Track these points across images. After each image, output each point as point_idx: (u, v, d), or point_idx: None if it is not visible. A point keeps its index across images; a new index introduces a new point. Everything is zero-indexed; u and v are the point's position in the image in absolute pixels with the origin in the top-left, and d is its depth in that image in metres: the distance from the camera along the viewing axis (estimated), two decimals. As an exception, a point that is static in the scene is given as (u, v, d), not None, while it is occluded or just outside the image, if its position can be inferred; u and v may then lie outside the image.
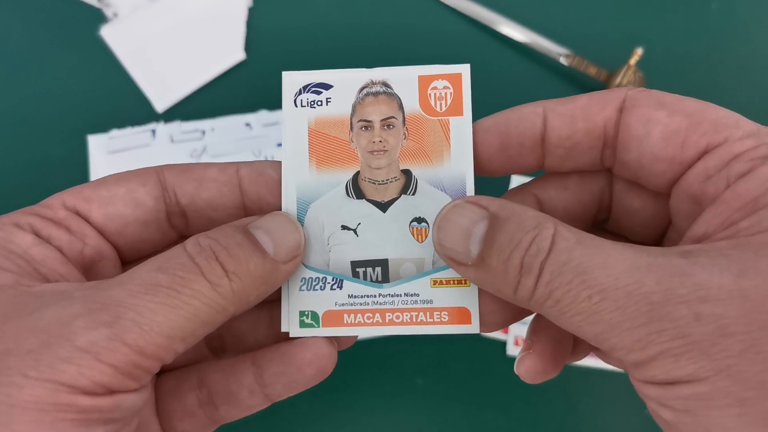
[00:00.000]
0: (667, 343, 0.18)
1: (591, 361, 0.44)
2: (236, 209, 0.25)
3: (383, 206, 0.24)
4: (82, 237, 0.23)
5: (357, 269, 0.24)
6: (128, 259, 0.25)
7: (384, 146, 0.24)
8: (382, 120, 0.24)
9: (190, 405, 0.25)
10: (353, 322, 0.24)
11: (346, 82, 0.25)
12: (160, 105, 0.49)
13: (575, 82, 0.49)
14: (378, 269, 0.24)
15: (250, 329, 0.26)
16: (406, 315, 0.24)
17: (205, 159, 0.48)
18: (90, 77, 0.49)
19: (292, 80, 0.25)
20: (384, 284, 0.24)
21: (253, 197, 0.25)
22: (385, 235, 0.24)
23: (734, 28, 0.50)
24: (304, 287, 0.24)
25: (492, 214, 0.21)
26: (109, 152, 0.48)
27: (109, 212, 0.24)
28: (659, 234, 0.25)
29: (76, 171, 0.48)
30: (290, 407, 0.45)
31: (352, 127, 0.25)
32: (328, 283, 0.24)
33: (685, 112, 0.22)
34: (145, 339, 0.19)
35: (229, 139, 0.48)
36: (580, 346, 0.26)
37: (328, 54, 0.49)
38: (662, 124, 0.22)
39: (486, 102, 0.25)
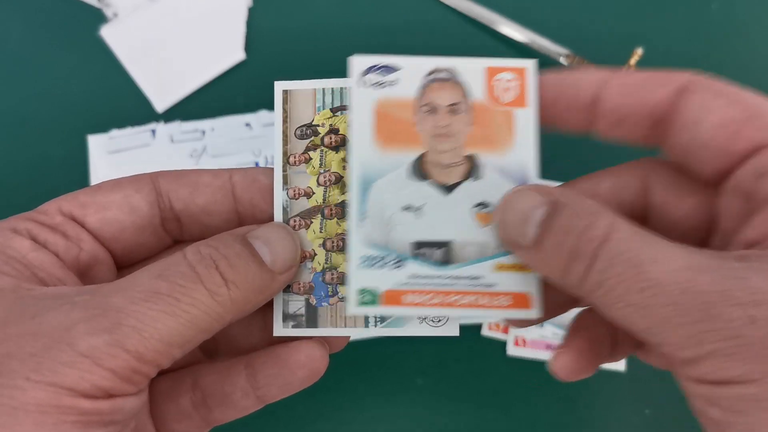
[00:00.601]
0: (719, 343, 0.18)
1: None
2: (230, 214, 0.25)
3: (447, 189, 0.24)
4: (78, 242, 0.24)
5: (418, 250, 0.24)
6: (123, 263, 0.25)
7: (449, 131, 0.24)
8: (448, 105, 0.24)
9: (185, 406, 0.25)
10: (413, 302, 0.24)
11: (414, 67, 0.25)
12: (160, 105, 0.49)
13: (575, 82, 0.49)
14: (440, 251, 0.24)
15: (244, 332, 0.26)
16: (468, 298, 0.24)
17: (205, 159, 0.48)
18: (90, 77, 0.49)
19: (358, 61, 0.25)
20: (446, 265, 0.24)
21: (246, 204, 0.25)
22: (448, 217, 0.24)
23: (734, 28, 0.49)
24: (364, 265, 0.24)
25: (553, 200, 0.21)
26: (109, 152, 0.48)
27: (105, 218, 0.24)
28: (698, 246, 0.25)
29: (76, 171, 0.48)
30: (289, 407, 0.45)
31: (417, 111, 0.25)
32: (388, 262, 0.24)
33: (744, 104, 0.22)
34: (144, 345, 0.19)
35: (229, 139, 0.48)
36: (618, 347, 0.26)
37: (328, 54, 0.49)
38: (718, 113, 0.22)
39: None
